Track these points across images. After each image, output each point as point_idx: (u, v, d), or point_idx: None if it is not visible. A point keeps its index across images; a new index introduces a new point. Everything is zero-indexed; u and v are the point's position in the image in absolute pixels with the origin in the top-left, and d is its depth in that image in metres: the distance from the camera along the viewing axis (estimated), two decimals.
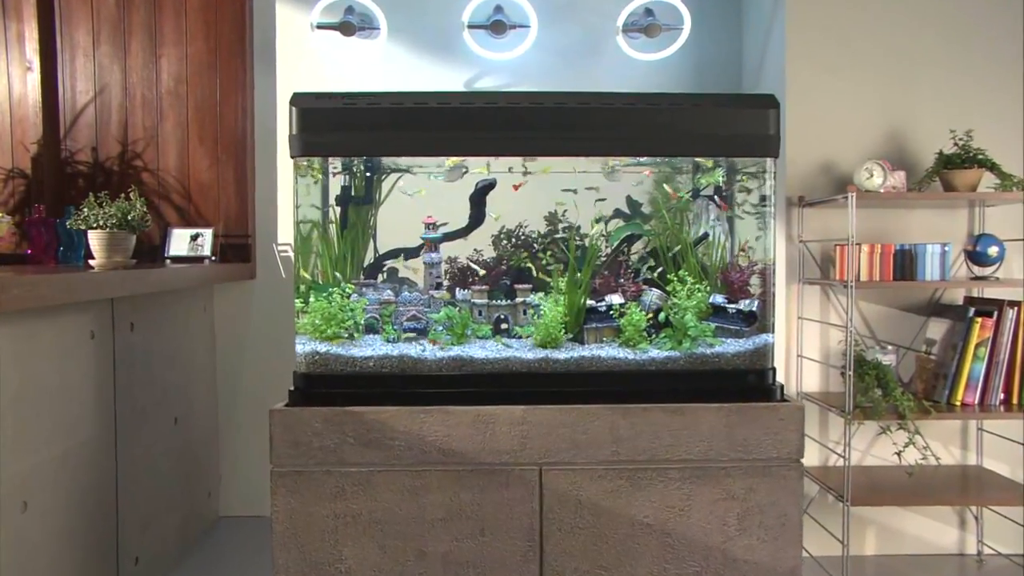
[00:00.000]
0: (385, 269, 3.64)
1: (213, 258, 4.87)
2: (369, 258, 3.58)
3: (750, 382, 3.08)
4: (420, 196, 3.32)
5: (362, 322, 3.32)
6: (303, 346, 3.20)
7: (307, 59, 4.74)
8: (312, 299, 3.26)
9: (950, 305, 4.47)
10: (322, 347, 3.19)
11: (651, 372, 3.02)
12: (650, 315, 3.34)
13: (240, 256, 4.91)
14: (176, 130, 5.10)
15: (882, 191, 4.27)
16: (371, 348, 3.21)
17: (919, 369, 4.44)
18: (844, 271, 4.25)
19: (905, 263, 4.27)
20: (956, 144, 4.30)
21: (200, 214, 4.96)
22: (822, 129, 4.39)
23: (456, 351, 3.19)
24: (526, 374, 3.04)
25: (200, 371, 4.88)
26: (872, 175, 4.31)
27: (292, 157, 3.17)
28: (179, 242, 4.92)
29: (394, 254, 3.59)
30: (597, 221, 3.36)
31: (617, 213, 3.59)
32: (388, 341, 3.28)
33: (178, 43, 4.98)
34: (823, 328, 4.45)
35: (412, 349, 3.22)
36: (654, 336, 3.26)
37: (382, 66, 4.79)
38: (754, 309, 3.30)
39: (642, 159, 3.31)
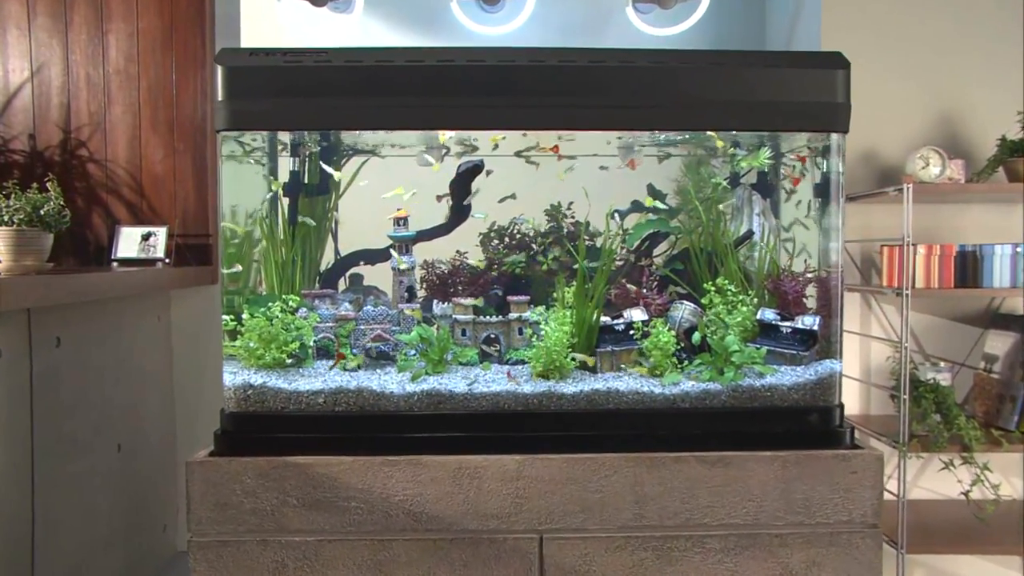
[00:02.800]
0: (347, 276, 2.66)
1: (167, 260, 3.88)
2: (329, 262, 2.61)
3: (812, 423, 2.35)
4: (434, 170, 2.38)
5: (312, 344, 2.35)
6: (233, 376, 2.24)
7: (275, 36, 3.76)
8: (246, 315, 2.29)
9: (1015, 316, 3.49)
10: (258, 377, 2.22)
11: (684, 411, 2.32)
12: (681, 335, 2.38)
13: (200, 258, 3.93)
14: (126, 115, 4.11)
15: (939, 183, 3.29)
16: (322, 379, 2.24)
17: (978, 390, 3.46)
18: (894, 276, 3.27)
19: (967, 267, 3.28)
20: None
21: (154, 210, 3.99)
22: (861, 113, 3.42)
23: (432, 383, 2.23)
24: (522, 413, 2.31)
25: (152, 388, 3.92)
26: (928, 164, 3.33)
27: (217, 131, 2.20)
28: (128, 242, 3.93)
29: (356, 258, 2.61)
30: (612, 216, 2.38)
31: (636, 207, 2.61)
32: (344, 370, 2.32)
33: (127, 16, 3.98)
34: (863, 341, 3.48)
35: (374, 380, 2.26)
36: (686, 363, 2.30)
37: (359, 42, 3.81)
38: (814, 327, 2.33)
39: (669, 134, 2.33)
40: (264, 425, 2.20)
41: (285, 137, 2.49)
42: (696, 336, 2.35)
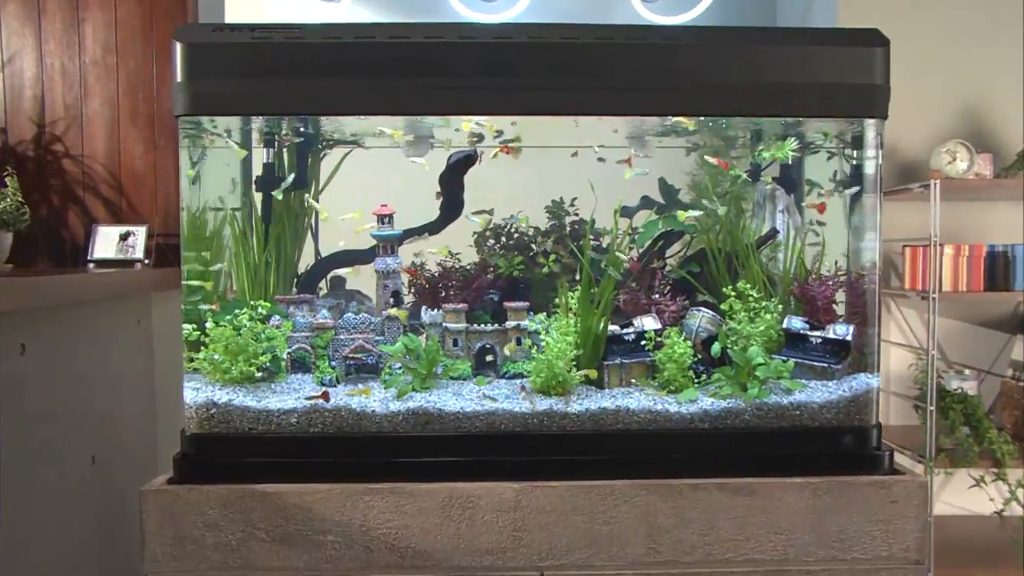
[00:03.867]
0: (327, 280, 2.34)
1: (146, 261, 3.56)
2: (307, 264, 2.29)
3: (846, 446, 2.08)
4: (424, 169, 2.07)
5: (285, 356, 2.03)
6: (195, 393, 1.92)
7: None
8: (210, 324, 1.97)
9: None
10: (223, 394, 1.91)
11: (702, 432, 2.04)
12: (698, 346, 2.06)
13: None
14: (104, 108, 3.80)
15: (968, 179, 2.97)
16: (295, 396, 1.92)
17: (1005, 399, 3.14)
18: (917, 278, 2.94)
19: (996, 268, 2.96)
20: None
21: (133, 209, 3.67)
22: None
23: (419, 400, 1.91)
24: (521, 435, 2.02)
25: (131, 396, 3.61)
26: (955, 159, 3.01)
27: (176, 116, 1.88)
28: (105, 242, 3.61)
29: (337, 260, 2.30)
30: (621, 213, 2.06)
31: (645, 203, 2.29)
32: (322, 385, 1.99)
33: (105, 4, 3.67)
34: (881, 347, 3.14)
35: (354, 398, 1.94)
36: (704, 378, 1.97)
37: None
38: (847, 337, 2.01)
39: (683, 122, 2.01)
40: (229, 449, 1.89)
41: (258, 126, 2.16)
42: (715, 347, 2.03)
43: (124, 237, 3.70)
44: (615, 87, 1.93)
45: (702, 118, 2.08)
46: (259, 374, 2.00)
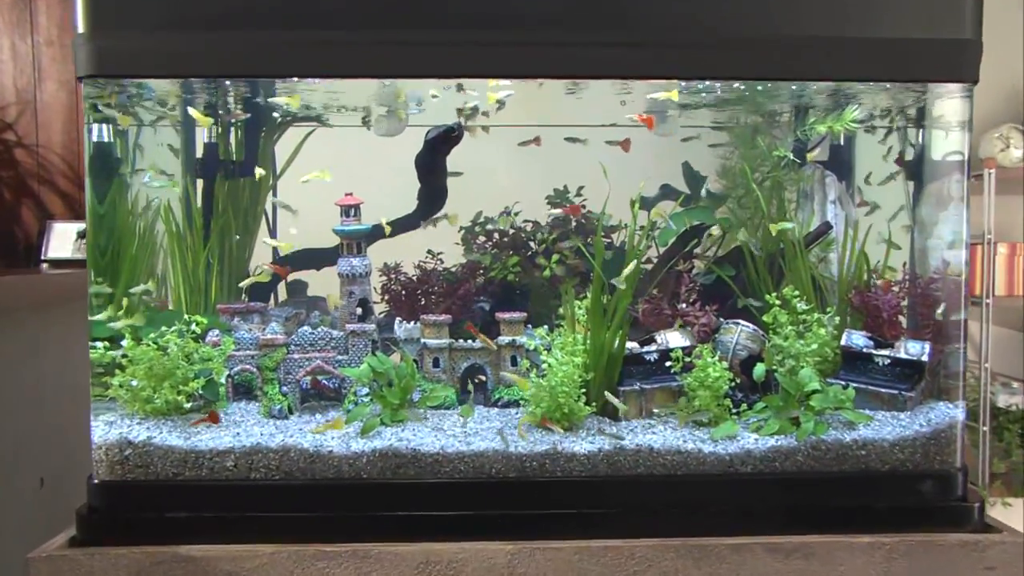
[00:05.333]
0: (286, 285, 1.87)
1: None
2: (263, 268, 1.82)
3: (924, 495, 1.61)
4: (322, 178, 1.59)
5: (224, 380, 1.56)
6: (105, 430, 1.45)
7: None
8: (127, 342, 1.50)
9: None
10: (141, 431, 1.45)
11: (745, 478, 1.59)
12: (736, 368, 1.58)
13: None
14: (61, 93, 3.33)
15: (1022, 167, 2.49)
16: (234, 433, 1.45)
17: None
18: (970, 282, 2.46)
19: None
20: None
21: None
22: None
23: (389, 438, 1.45)
24: (517, 482, 1.57)
25: (88, 412, 3.12)
26: (1008, 145, 2.53)
27: (78, 78, 1.40)
28: (61, 240, 3.16)
29: (295, 261, 1.82)
30: (640, 205, 1.58)
31: (666, 192, 1.82)
32: (270, 417, 1.52)
33: None
34: None
35: (307, 435, 1.47)
36: (744, 408, 1.48)
37: None
38: (922, 358, 1.54)
39: (711, 92, 1.55)
40: (148, 500, 1.43)
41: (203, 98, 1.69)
42: (758, 370, 1.57)
43: (83, 235, 3.24)
44: (633, 41, 1.46)
45: (736, 84, 1.61)
46: (188, 404, 1.53)
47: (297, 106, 1.65)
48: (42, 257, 3.26)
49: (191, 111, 1.66)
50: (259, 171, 1.74)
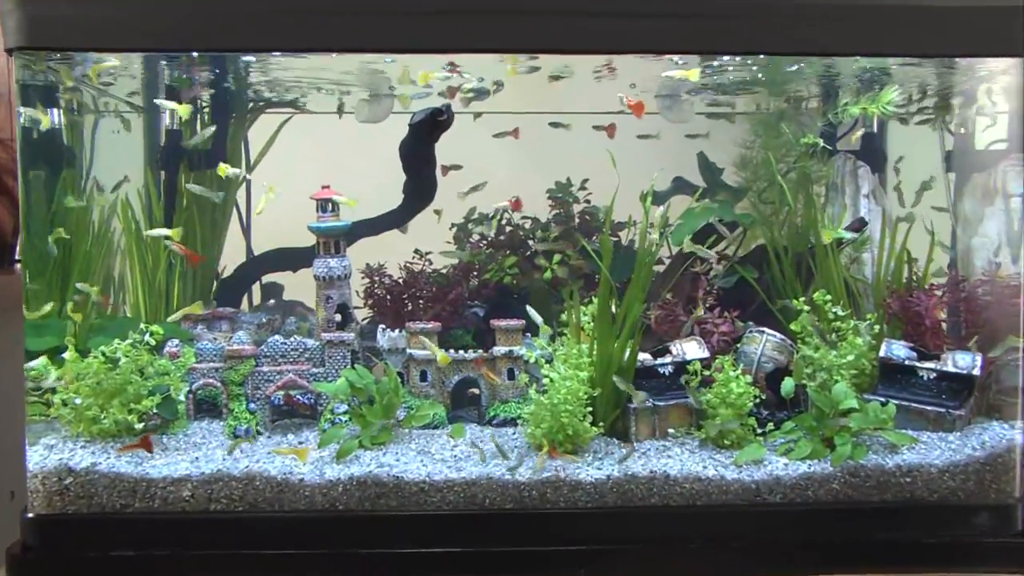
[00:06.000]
0: (261, 287, 1.66)
1: None
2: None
3: (979, 530, 1.38)
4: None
5: (184, 397, 1.35)
6: (44, 456, 1.24)
7: None
8: (70, 354, 1.29)
9: None
10: (85, 456, 1.24)
11: (773, 509, 1.37)
12: (762, 382, 1.37)
13: None
14: None
15: None
16: (192, 459, 1.25)
17: None
18: None
19: None
20: None
21: None
22: None
23: (368, 463, 1.24)
24: (514, 515, 1.35)
25: None
26: None
27: (7, 51, 1.20)
28: None
29: (268, 262, 1.62)
30: (651, 200, 1.37)
31: (679, 185, 1.61)
32: (235, 437, 1.31)
33: None
34: None
35: (275, 461, 1.26)
36: (771, 428, 1.27)
37: None
38: (973, 371, 1.33)
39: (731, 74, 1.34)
40: (91, 536, 1.21)
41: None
42: (787, 385, 1.36)
43: None
44: (650, 13, 1.25)
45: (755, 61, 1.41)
46: (140, 425, 1.32)
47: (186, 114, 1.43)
48: (16, 257, 3.04)
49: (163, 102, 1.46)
50: (225, 168, 1.52)
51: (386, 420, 1.40)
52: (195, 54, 1.40)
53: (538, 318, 1.47)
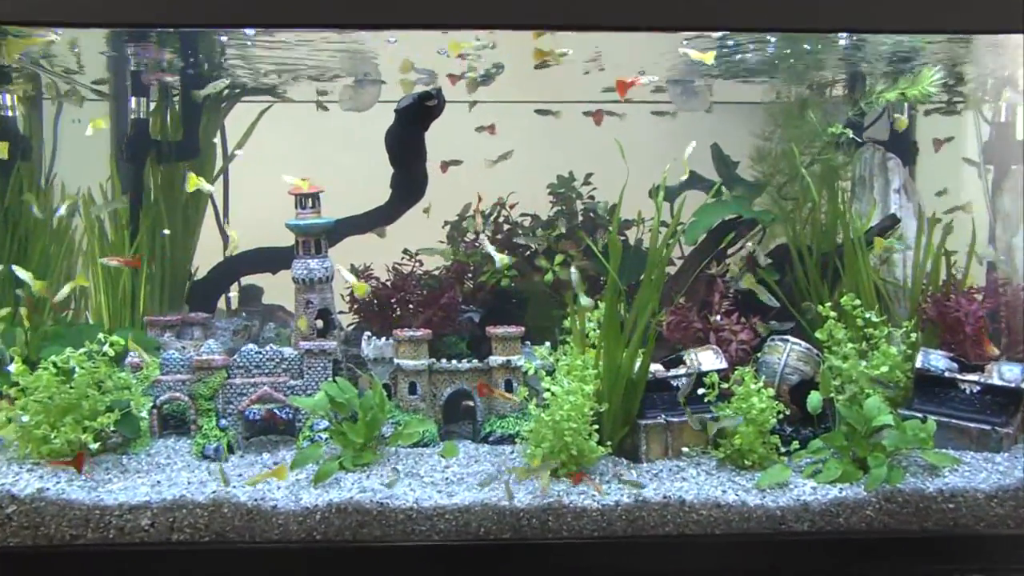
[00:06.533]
0: (239, 290, 1.52)
1: None
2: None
3: None
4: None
5: (147, 412, 1.20)
6: None
7: None
8: (15, 366, 1.14)
9: None
10: (32, 481, 1.08)
11: (800, 538, 1.20)
12: (785, 395, 1.22)
13: None
14: None
15: None
16: (153, 483, 1.09)
17: None
18: None
19: None
20: None
21: None
22: None
23: (349, 488, 1.08)
24: (511, 546, 1.19)
25: None
26: None
27: None
28: None
29: (245, 264, 1.47)
30: (659, 195, 1.22)
31: (692, 180, 1.45)
32: (204, 458, 1.16)
33: None
34: None
35: (244, 488, 1.11)
36: (795, 447, 1.10)
37: None
38: (1023, 384, 1.17)
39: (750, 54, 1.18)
40: (38, 572, 1.04)
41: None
42: (814, 400, 1.22)
43: None
44: None
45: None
46: (96, 445, 1.18)
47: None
48: None
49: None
50: (197, 180, 1.35)
51: (370, 439, 1.25)
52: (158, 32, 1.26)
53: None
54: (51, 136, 1.48)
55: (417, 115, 1.39)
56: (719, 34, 1.28)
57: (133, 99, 1.42)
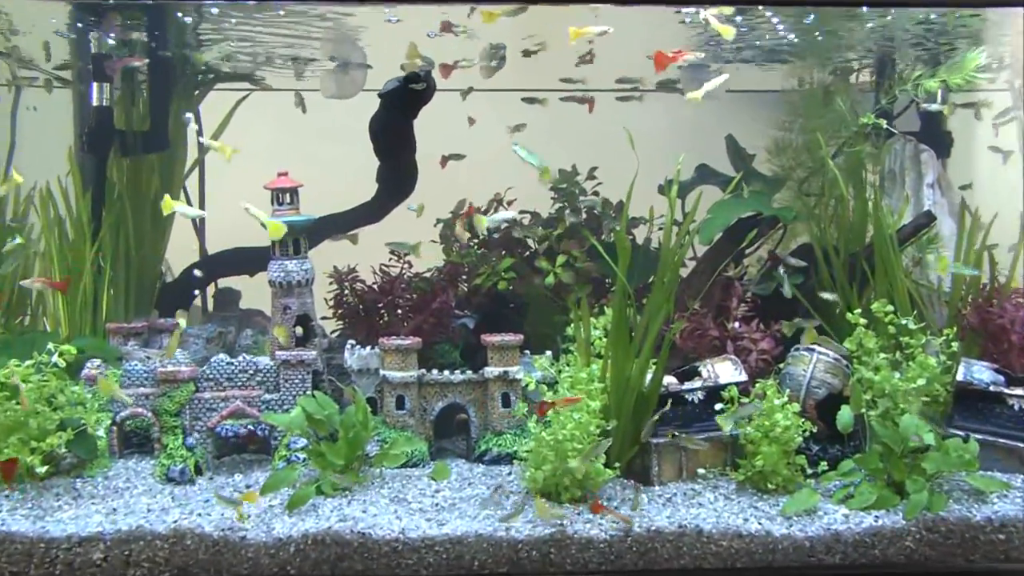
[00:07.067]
0: (215, 292, 1.39)
1: None
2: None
3: None
4: None
5: (106, 431, 1.06)
6: None
7: None
8: None
9: None
10: None
11: (829, 572, 1.06)
12: (812, 411, 1.07)
13: None
14: None
15: None
16: (108, 510, 0.94)
17: None
18: None
19: None
20: None
21: None
22: None
23: (328, 516, 0.94)
24: None
25: None
26: None
27: None
28: None
29: (219, 266, 1.33)
30: (674, 189, 1.08)
31: (703, 174, 1.32)
32: (168, 481, 1.01)
33: None
34: None
35: (213, 512, 0.96)
36: (823, 468, 0.96)
37: None
38: None
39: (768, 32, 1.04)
40: None
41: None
42: (845, 417, 1.09)
43: None
44: None
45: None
46: (43, 469, 1.04)
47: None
48: None
49: None
50: (172, 204, 1.21)
51: (351, 460, 1.11)
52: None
53: None
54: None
55: (404, 100, 1.25)
56: (733, 9, 1.15)
57: (95, 85, 1.29)
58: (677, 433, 1.18)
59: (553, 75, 1.49)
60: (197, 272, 1.40)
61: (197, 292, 1.39)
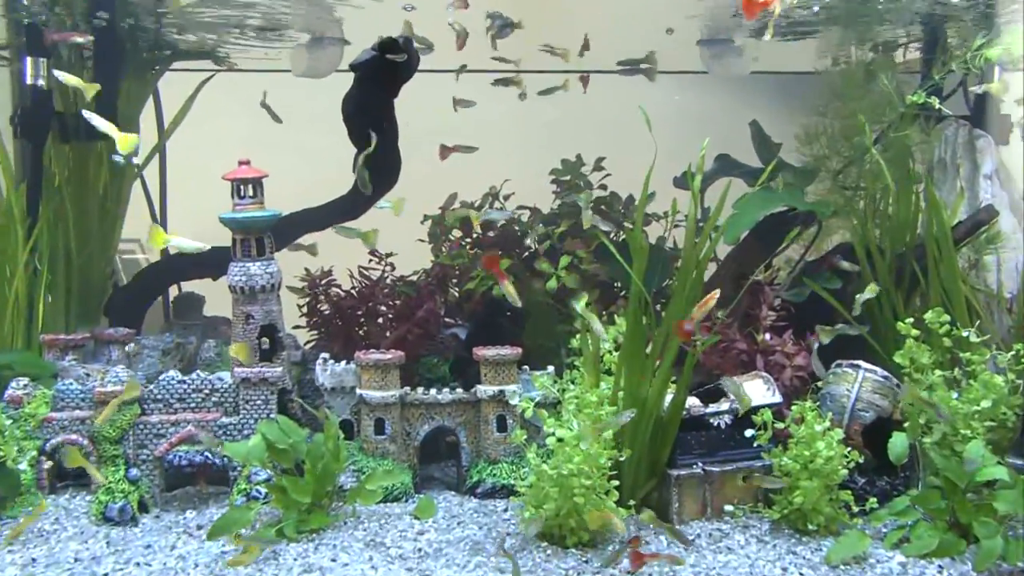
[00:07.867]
0: (175, 299, 1.21)
1: None
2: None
3: None
4: None
5: (31, 463, 0.88)
6: None
7: None
8: None
9: None
10: None
11: None
12: (857, 437, 0.89)
13: None
14: None
15: None
16: (26, 561, 0.75)
17: None
18: None
19: None
20: None
21: None
22: None
23: (291, 565, 0.72)
24: None
25: None
26: None
27: None
28: None
29: (180, 269, 1.16)
30: (698, 180, 0.89)
31: (724, 165, 1.14)
32: (105, 521, 0.83)
33: None
34: None
35: (160, 552, 0.78)
36: (872, 504, 0.77)
37: None
38: None
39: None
40: None
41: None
42: (898, 446, 0.91)
43: None
44: None
45: None
46: None
47: None
48: None
49: None
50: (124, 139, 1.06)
51: (320, 496, 0.94)
52: None
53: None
54: None
55: (381, 74, 1.06)
56: None
57: (28, 61, 1.11)
58: (710, 466, 1.00)
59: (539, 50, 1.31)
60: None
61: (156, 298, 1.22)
